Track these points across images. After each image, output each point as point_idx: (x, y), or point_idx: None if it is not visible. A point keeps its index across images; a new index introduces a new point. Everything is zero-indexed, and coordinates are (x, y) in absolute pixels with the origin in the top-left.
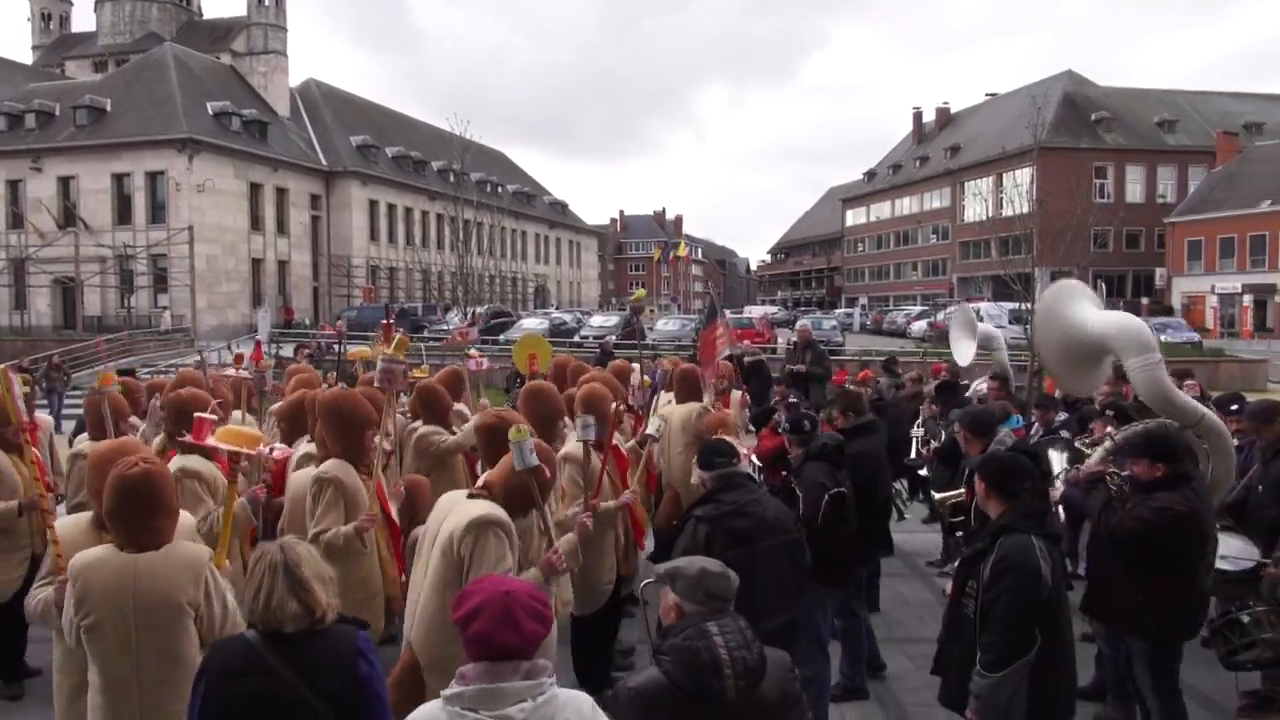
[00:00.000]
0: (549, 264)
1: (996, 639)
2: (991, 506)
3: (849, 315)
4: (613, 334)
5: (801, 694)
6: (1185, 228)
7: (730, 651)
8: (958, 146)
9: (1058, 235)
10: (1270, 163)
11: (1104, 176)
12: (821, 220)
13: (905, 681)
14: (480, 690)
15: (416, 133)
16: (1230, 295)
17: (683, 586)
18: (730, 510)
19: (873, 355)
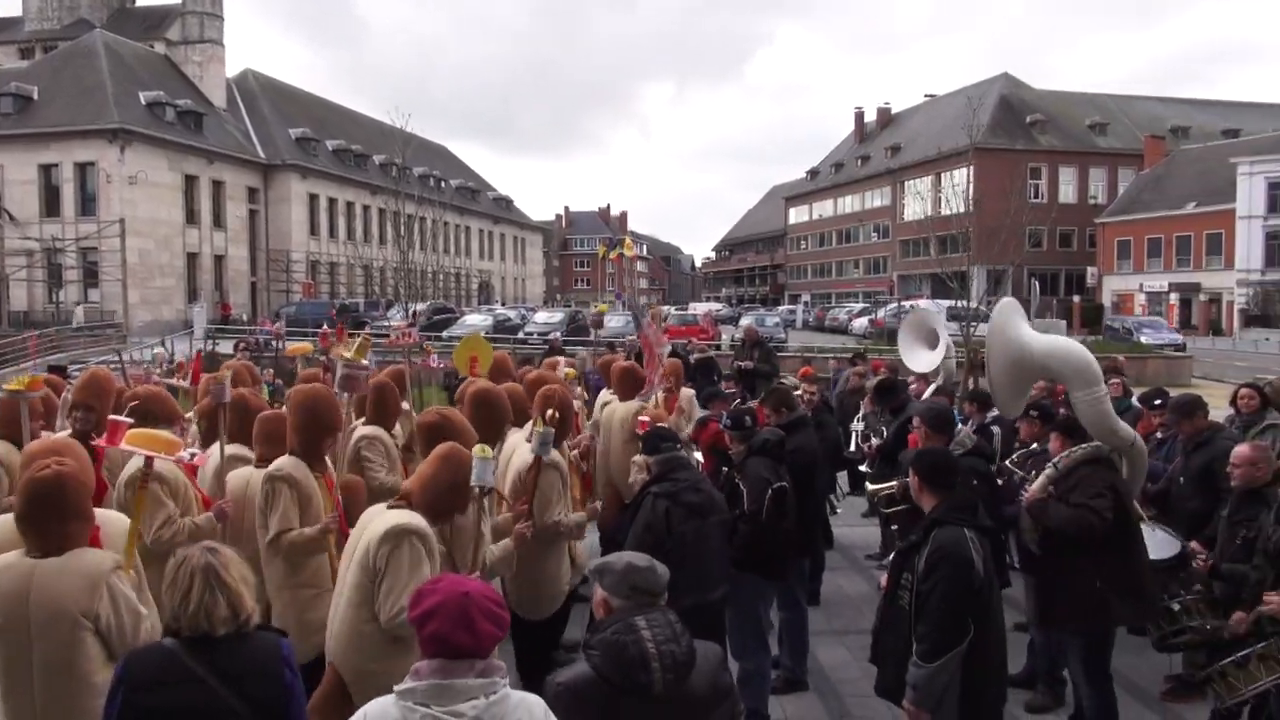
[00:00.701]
0: (493, 260)
1: (931, 629)
2: (925, 500)
3: (792, 312)
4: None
5: (733, 687)
6: (1115, 228)
7: (658, 645)
8: (898, 146)
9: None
10: (1195, 165)
11: (1038, 177)
12: (765, 218)
13: (844, 672)
14: (433, 686)
15: (357, 126)
16: (1158, 294)
17: (610, 582)
18: (686, 486)
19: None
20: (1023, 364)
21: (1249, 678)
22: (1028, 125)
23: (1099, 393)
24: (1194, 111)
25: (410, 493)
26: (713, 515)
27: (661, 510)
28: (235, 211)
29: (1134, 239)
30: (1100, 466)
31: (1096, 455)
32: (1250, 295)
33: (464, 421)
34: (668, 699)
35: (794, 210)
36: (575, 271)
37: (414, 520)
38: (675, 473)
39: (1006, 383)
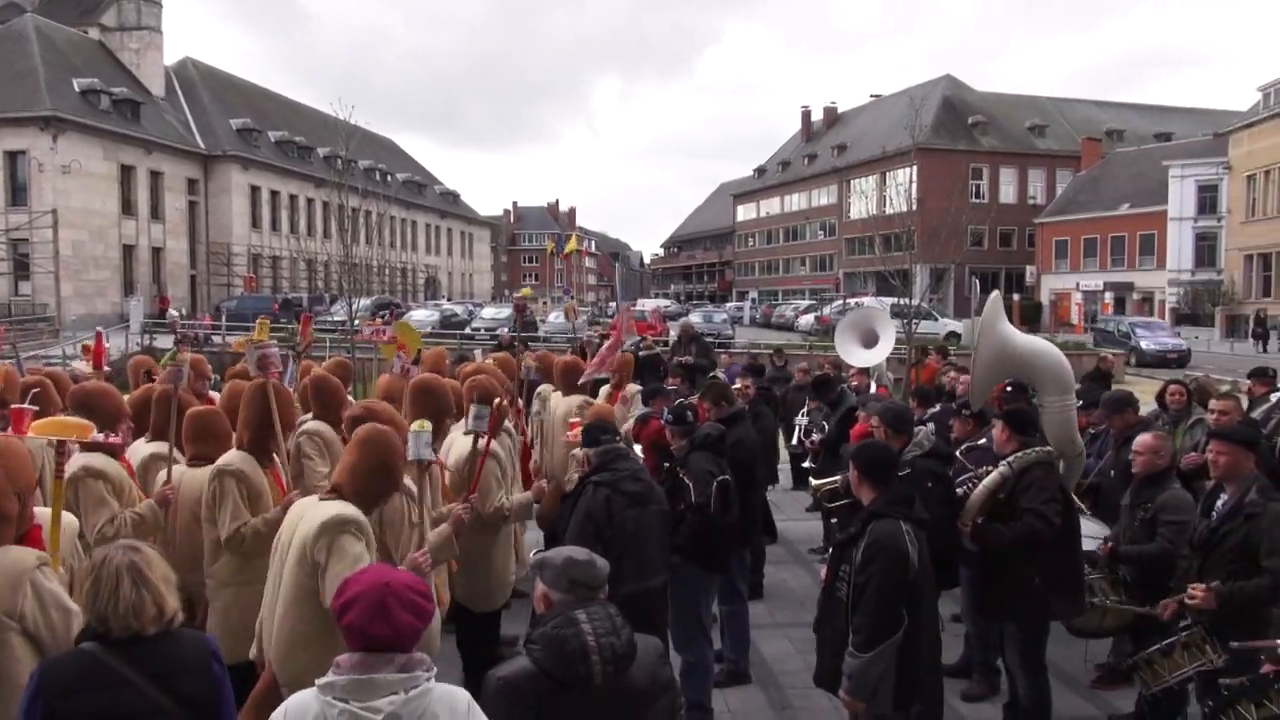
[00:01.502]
0: (440, 255)
1: (867, 620)
2: (864, 493)
3: (739, 309)
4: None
5: (673, 679)
6: (1053, 228)
7: (598, 638)
8: (844, 145)
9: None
10: (1129, 168)
11: (979, 177)
12: (713, 215)
13: (786, 664)
14: (352, 680)
15: (301, 117)
16: (1093, 292)
17: (550, 576)
18: (625, 475)
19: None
20: (1005, 360)
21: (1174, 665)
22: (970, 126)
23: (1070, 401)
24: (1129, 115)
25: (339, 484)
26: (652, 504)
27: (602, 499)
28: (174, 203)
29: (1071, 239)
30: (1051, 470)
31: (1049, 458)
32: (1181, 295)
33: (391, 413)
34: (608, 692)
35: (742, 208)
36: (523, 267)
37: (348, 511)
38: (615, 463)
39: (987, 376)
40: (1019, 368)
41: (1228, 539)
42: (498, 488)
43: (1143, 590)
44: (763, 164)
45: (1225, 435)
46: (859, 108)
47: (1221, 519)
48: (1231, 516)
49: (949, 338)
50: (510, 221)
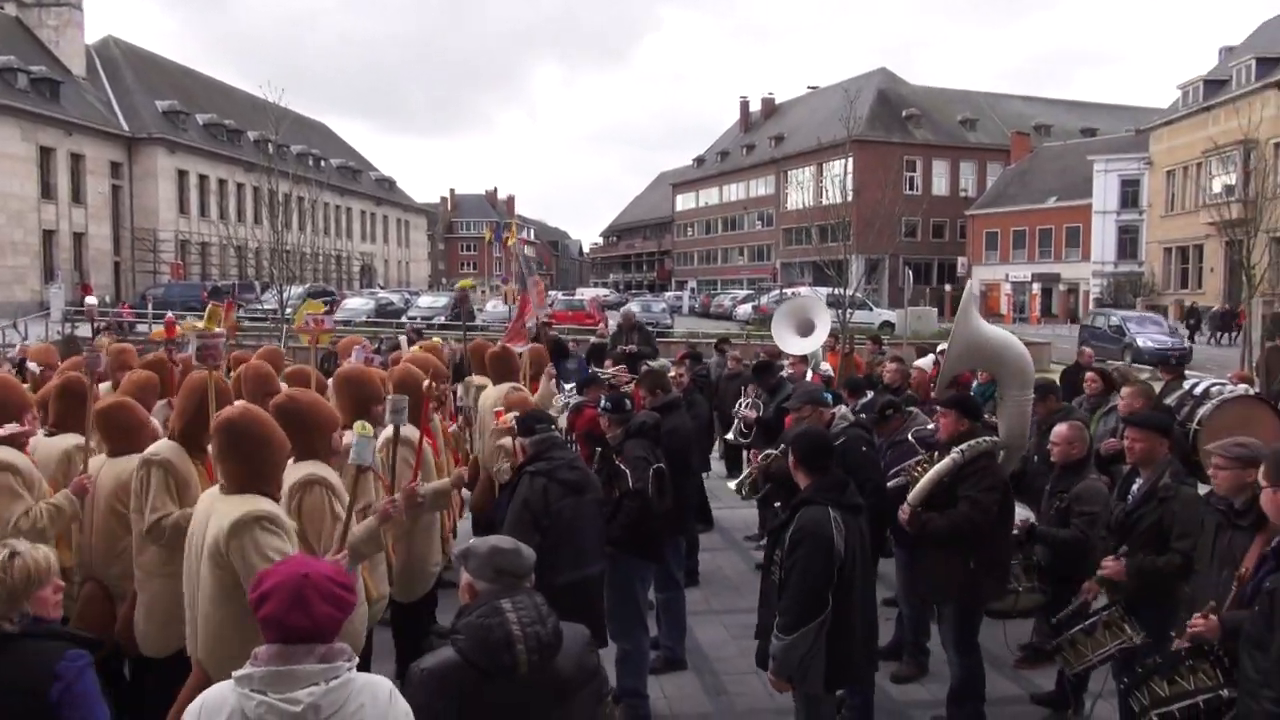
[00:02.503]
0: (375, 242)
1: (790, 603)
2: (800, 479)
3: (678, 298)
4: (442, 314)
5: (600, 667)
6: (983, 220)
7: (524, 627)
8: (781, 136)
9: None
10: (1056, 162)
11: (913, 170)
12: (653, 204)
13: (721, 651)
14: (270, 672)
15: (231, 100)
16: (1021, 283)
17: (475, 565)
18: (561, 464)
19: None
20: (977, 351)
21: (1095, 644)
22: (904, 119)
23: (1029, 395)
24: (1056, 110)
25: (238, 476)
26: (588, 493)
27: (539, 488)
28: (96, 187)
29: (1000, 231)
30: (995, 460)
31: (995, 449)
32: (1104, 285)
33: (314, 401)
34: (533, 681)
35: (681, 197)
36: (461, 255)
37: (260, 505)
38: (550, 452)
39: (958, 366)
40: (989, 359)
41: (1142, 521)
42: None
43: (1054, 575)
44: (702, 154)
45: (1141, 422)
46: (796, 99)
47: (1137, 502)
48: (1146, 500)
49: (883, 327)
50: (448, 209)
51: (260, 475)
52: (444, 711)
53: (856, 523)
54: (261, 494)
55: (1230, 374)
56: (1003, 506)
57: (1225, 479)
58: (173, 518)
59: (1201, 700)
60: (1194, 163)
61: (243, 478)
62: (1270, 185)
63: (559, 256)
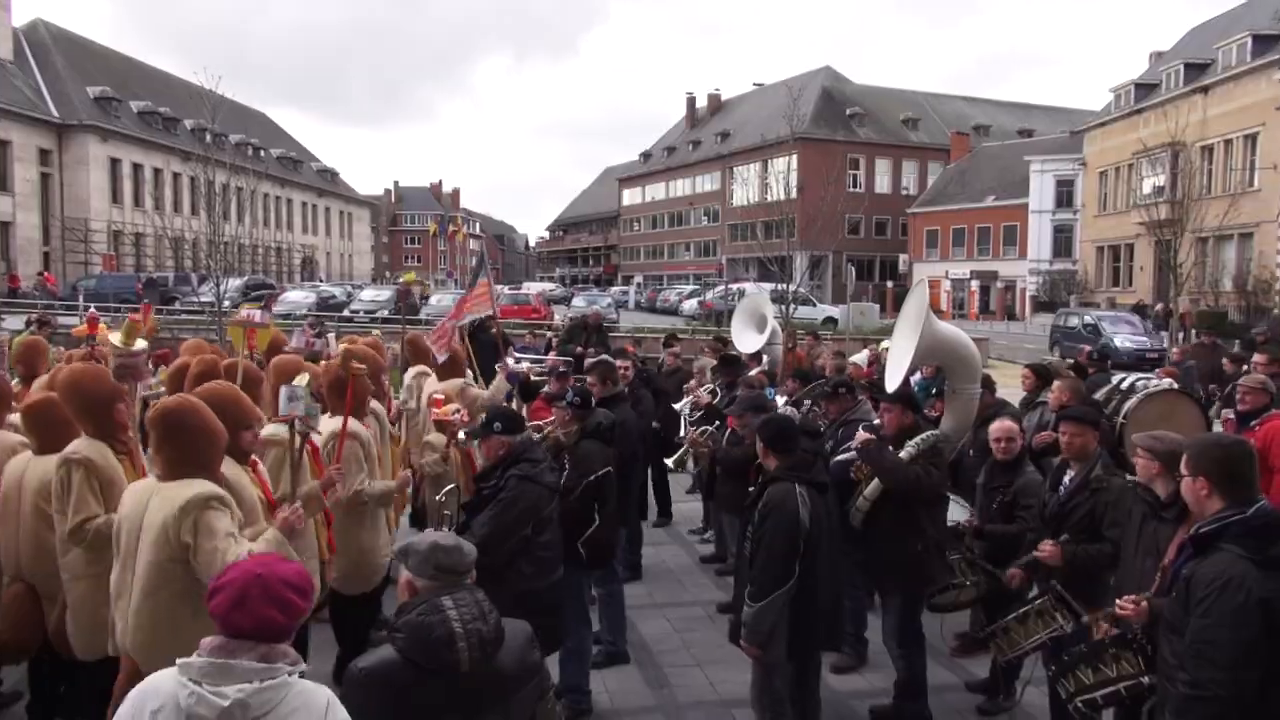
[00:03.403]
0: (317, 235)
1: (758, 573)
2: (770, 463)
3: (624, 293)
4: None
5: (541, 663)
6: (924, 218)
7: (465, 624)
8: (727, 132)
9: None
10: (995, 161)
11: (856, 167)
12: (599, 198)
13: (665, 644)
14: (208, 663)
15: (167, 86)
16: (961, 280)
17: (414, 563)
18: (545, 467)
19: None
20: (938, 347)
21: (1028, 632)
22: (847, 118)
23: (978, 389)
24: (995, 111)
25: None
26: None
27: (534, 494)
28: (24, 174)
29: (941, 229)
30: (941, 452)
31: (940, 443)
32: (1040, 283)
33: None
34: (475, 678)
35: (627, 192)
36: (405, 249)
37: (206, 487)
38: (532, 453)
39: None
40: (946, 354)
41: (1075, 511)
42: (358, 470)
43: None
44: (648, 149)
45: (1077, 417)
46: (742, 96)
47: (1070, 493)
48: (1079, 491)
49: (826, 323)
50: (391, 201)
51: (199, 462)
52: (384, 711)
53: (823, 499)
54: (202, 478)
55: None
56: (942, 496)
57: (1144, 468)
58: (97, 521)
59: (1123, 687)
60: (1125, 164)
61: (183, 465)
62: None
63: (505, 250)
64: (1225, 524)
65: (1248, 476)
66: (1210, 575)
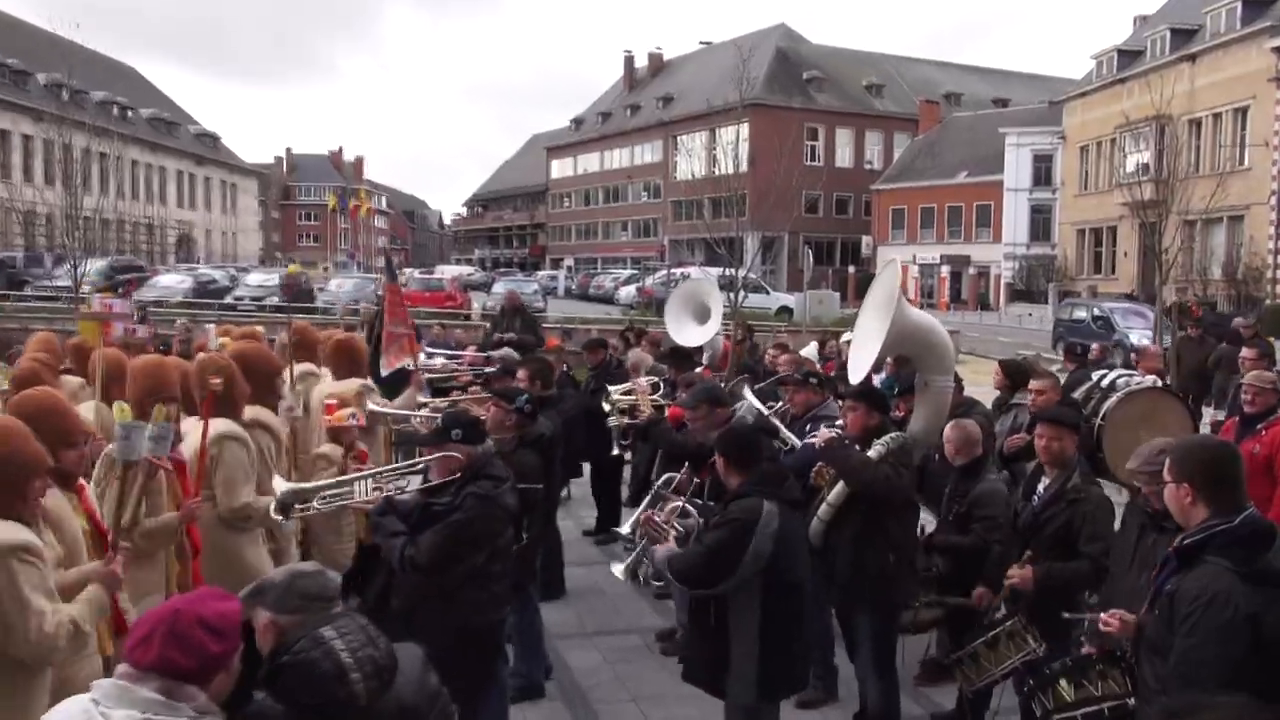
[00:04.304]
0: (196, 209)
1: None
2: (732, 479)
3: (553, 278)
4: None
5: (441, 688)
6: (889, 195)
7: (354, 653)
8: (670, 97)
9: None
10: (967, 133)
11: (815, 138)
12: (525, 170)
13: (596, 677)
14: (113, 685)
15: (16, 33)
16: (930, 266)
17: (274, 598)
18: (507, 487)
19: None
20: (908, 337)
21: (998, 658)
22: (804, 82)
23: (950, 382)
24: (967, 78)
25: None
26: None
27: (493, 516)
28: None
29: (908, 208)
30: (909, 454)
31: (909, 444)
32: (1016, 269)
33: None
34: (373, 713)
35: (557, 163)
36: (299, 226)
37: (6, 534)
38: (492, 469)
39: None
40: (918, 342)
41: (1050, 524)
42: (244, 481)
43: (955, 585)
44: (580, 114)
45: (1054, 418)
46: (687, 56)
47: (1044, 503)
48: (1054, 501)
49: (780, 313)
50: (284, 172)
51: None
52: None
53: (797, 520)
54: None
55: (1139, 363)
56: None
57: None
58: None
59: (1107, 708)
60: (1108, 138)
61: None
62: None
63: (415, 229)
64: (1211, 534)
65: (1234, 482)
66: (1195, 590)
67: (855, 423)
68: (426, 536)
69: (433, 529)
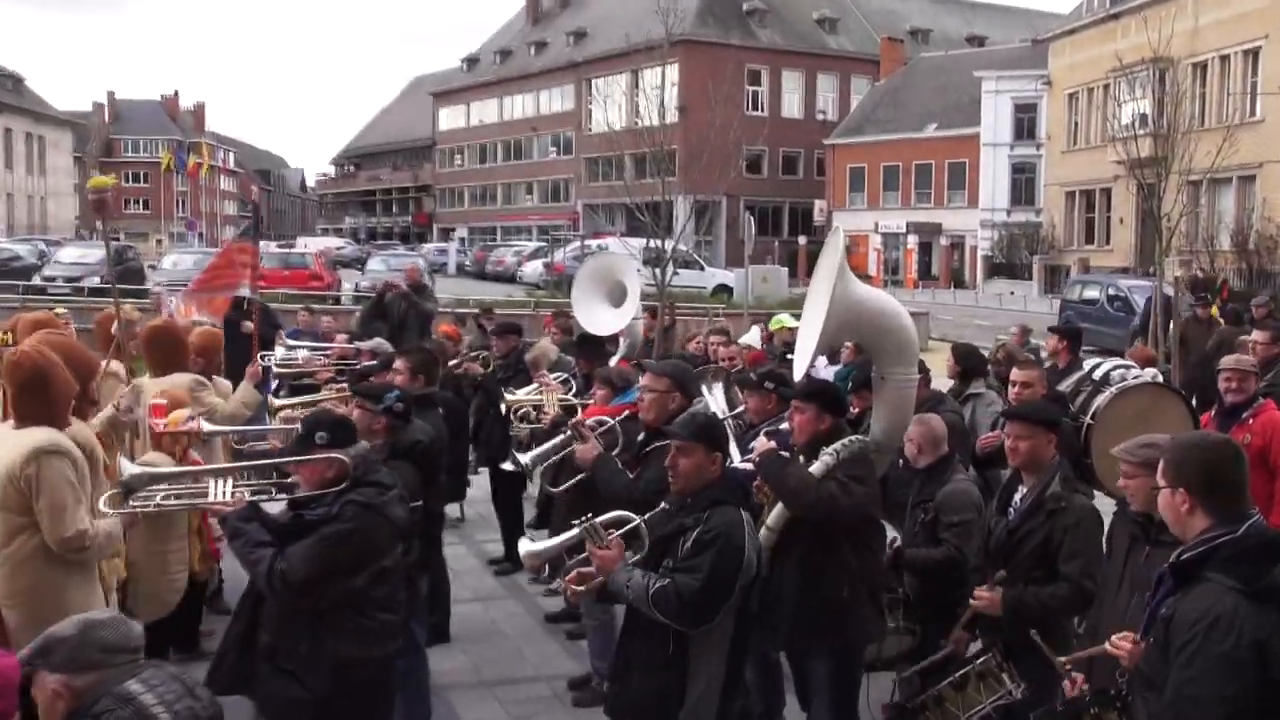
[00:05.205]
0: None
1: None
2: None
3: (442, 252)
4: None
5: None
6: (846, 151)
7: (170, 706)
8: (583, 32)
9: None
10: (937, 77)
11: (757, 83)
12: (406, 121)
13: None
14: None
15: None
16: (895, 236)
17: (64, 656)
18: (394, 495)
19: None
20: (855, 320)
21: (968, 702)
22: (744, 15)
23: (913, 375)
24: (936, 12)
25: None
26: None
27: (379, 530)
28: None
29: (868, 167)
30: (870, 462)
31: (868, 451)
32: (995, 239)
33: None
34: None
35: (445, 111)
36: (125, 189)
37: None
38: (375, 475)
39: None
40: (868, 326)
41: (1027, 541)
42: (75, 505)
43: (928, 607)
44: (474, 52)
45: (1023, 416)
46: None
47: (1020, 517)
48: (1032, 514)
49: (718, 292)
50: (105, 122)
51: None
52: None
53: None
54: None
55: (1128, 351)
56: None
57: (1136, 488)
58: None
59: None
60: (1099, 84)
61: None
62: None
63: (272, 192)
64: (1212, 547)
65: (1238, 485)
66: (1194, 614)
67: (803, 427)
68: (301, 547)
69: (307, 540)
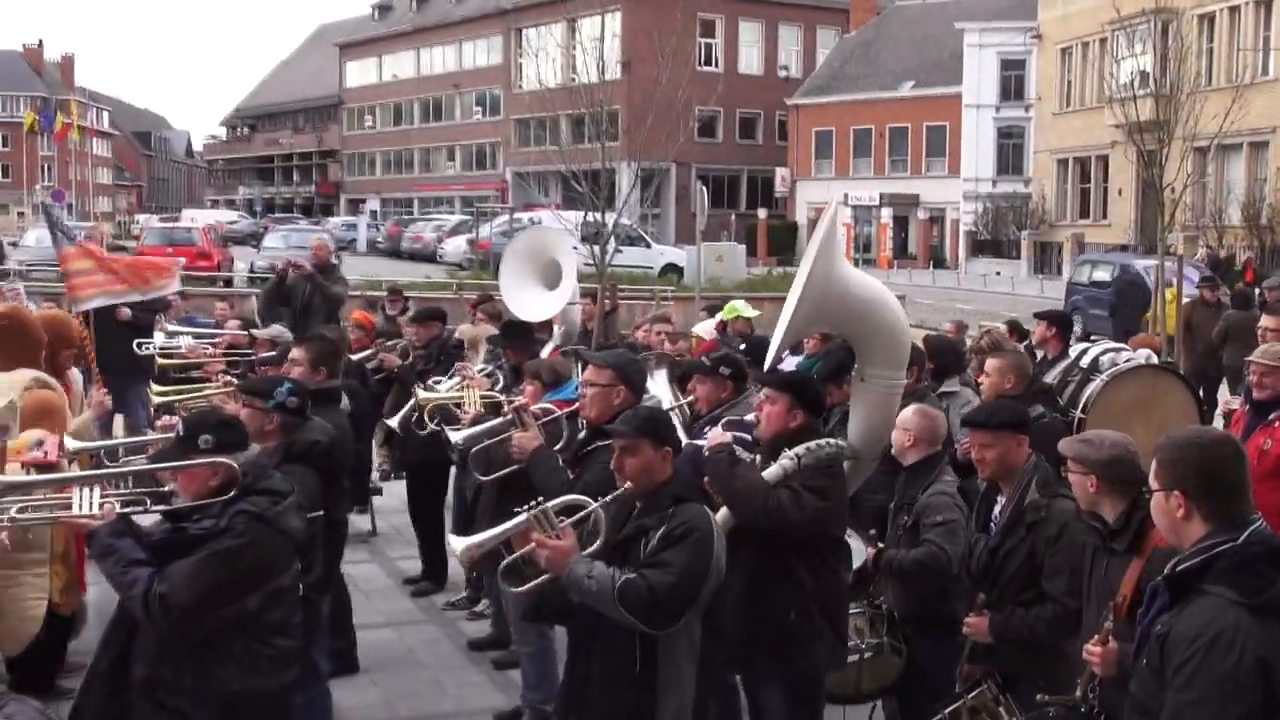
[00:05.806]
0: None
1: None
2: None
3: (351, 228)
4: None
5: None
6: (812, 113)
7: None
8: None
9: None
10: (914, 28)
11: (711, 34)
12: (308, 76)
13: None
14: None
15: None
16: (866, 208)
17: None
18: (289, 505)
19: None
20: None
21: None
22: None
23: (900, 380)
24: None
25: None
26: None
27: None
28: None
29: (836, 130)
30: (839, 472)
31: (840, 457)
32: (979, 213)
33: None
34: None
35: (354, 66)
36: None
37: None
38: (268, 482)
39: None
40: (852, 321)
41: (1011, 559)
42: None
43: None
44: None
45: (981, 423)
46: None
47: (1001, 533)
48: (1012, 528)
49: (667, 272)
50: None
51: None
52: None
53: None
54: None
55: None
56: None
57: (1076, 485)
58: None
59: None
60: (1096, 38)
61: None
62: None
63: (153, 157)
64: (1211, 556)
65: (1237, 487)
66: (1192, 631)
67: (771, 421)
68: (183, 566)
69: (190, 558)
